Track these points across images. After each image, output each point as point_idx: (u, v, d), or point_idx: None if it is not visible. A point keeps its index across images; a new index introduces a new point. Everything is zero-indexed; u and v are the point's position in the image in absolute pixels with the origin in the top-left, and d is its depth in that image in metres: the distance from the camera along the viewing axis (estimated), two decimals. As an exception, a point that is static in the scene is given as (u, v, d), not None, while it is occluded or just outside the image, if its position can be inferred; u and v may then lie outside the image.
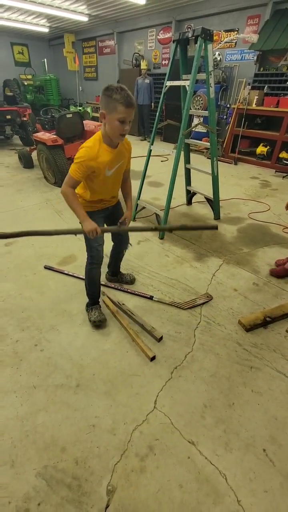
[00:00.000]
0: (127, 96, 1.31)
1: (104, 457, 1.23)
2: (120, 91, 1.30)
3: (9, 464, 1.21)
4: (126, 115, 1.34)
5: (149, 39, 7.92)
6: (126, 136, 1.51)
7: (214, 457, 1.24)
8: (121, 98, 1.30)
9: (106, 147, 1.47)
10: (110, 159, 1.49)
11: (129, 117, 1.37)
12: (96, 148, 1.44)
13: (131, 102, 1.32)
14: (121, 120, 1.35)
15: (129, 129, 1.40)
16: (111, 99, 1.31)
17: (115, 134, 1.41)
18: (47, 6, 7.00)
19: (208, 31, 2.47)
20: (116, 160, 1.54)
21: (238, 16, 5.95)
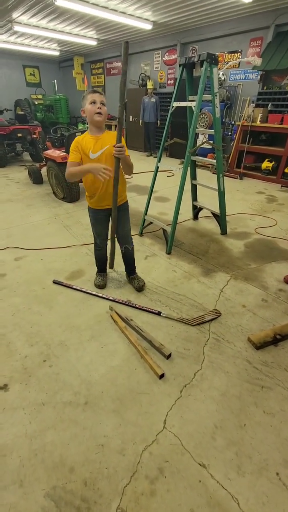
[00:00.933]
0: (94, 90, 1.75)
1: (113, 478, 1.21)
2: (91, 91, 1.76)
3: (17, 483, 1.19)
4: (94, 98, 1.72)
5: (155, 60, 8.25)
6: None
7: (226, 481, 1.21)
8: (87, 92, 1.75)
9: (88, 137, 1.83)
10: (91, 144, 1.82)
11: (98, 99, 1.72)
12: (77, 140, 1.83)
13: (96, 90, 1.75)
14: (92, 101, 1.72)
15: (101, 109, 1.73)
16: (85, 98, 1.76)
17: (92, 116, 1.75)
18: (58, 32, 7.40)
19: (213, 56, 2.58)
20: (99, 145, 1.82)
21: (241, 39, 6.19)
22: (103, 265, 2.47)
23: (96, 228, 2.20)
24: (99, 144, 1.81)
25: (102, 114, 1.75)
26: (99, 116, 1.74)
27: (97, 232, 2.21)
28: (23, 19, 6.50)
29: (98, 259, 2.43)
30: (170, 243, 2.96)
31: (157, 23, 6.43)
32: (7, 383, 1.61)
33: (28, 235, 3.35)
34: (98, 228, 2.20)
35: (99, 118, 1.75)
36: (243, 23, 5.93)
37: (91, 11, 5.53)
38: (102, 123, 1.81)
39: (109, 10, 5.60)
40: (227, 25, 6.19)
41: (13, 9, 5.75)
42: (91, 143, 1.81)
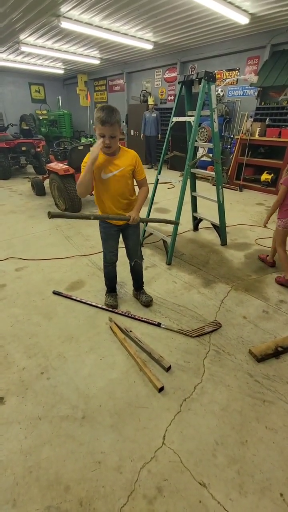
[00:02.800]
0: (104, 116, 1.56)
1: (110, 498, 1.17)
2: (100, 111, 1.57)
3: (10, 503, 1.15)
4: (103, 131, 1.60)
5: (155, 78, 8.54)
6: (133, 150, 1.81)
7: (227, 502, 1.16)
8: (98, 117, 1.57)
9: (103, 155, 1.75)
10: (103, 163, 1.76)
11: (107, 133, 1.60)
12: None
13: (105, 120, 1.56)
14: (101, 135, 1.62)
15: (110, 143, 1.64)
16: (95, 117, 1.61)
17: (100, 145, 1.65)
18: (63, 52, 7.72)
19: (211, 74, 2.67)
20: (111, 166, 1.77)
21: (238, 58, 6.42)
22: (113, 283, 2.36)
23: (107, 243, 2.12)
24: (110, 164, 1.77)
25: (111, 147, 1.68)
26: (107, 149, 1.69)
27: (108, 247, 2.13)
28: (29, 40, 6.79)
29: (108, 277, 2.32)
30: (170, 254, 2.97)
31: (157, 43, 6.69)
32: (4, 396, 1.58)
33: (29, 246, 3.37)
34: (109, 243, 2.12)
35: (107, 151, 1.72)
36: (240, 43, 6.17)
37: (94, 32, 5.77)
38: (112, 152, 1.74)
39: (111, 31, 5.85)
40: (225, 45, 6.44)
41: (21, 31, 6.02)
42: (104, 163, 1.76)
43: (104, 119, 1.56)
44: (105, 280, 2.36)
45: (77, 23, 5.37)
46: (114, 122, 1.59)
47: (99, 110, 1.58)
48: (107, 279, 2.34)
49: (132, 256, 2.23)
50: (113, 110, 1.59)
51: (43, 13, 4.94)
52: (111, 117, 1.57)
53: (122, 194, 1.89)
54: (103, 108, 1.58)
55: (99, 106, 1.61)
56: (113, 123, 1.58)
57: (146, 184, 1.96)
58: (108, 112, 1.57)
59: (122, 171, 1.79)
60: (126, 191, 1.89)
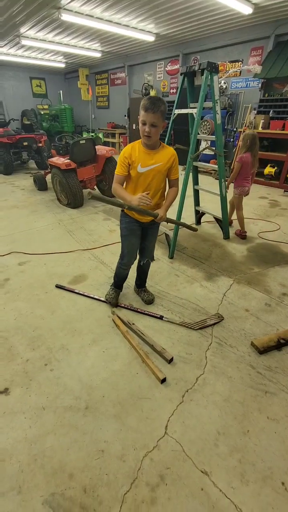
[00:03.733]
0: (148, 103, 1.54)
1: (113, 485, 1.19)
2: (146, 99, 1.57)
3: (16, 489, 1.17)
4: (144, 118, 1.57)
5: (157, 70, 8.43)
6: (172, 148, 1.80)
7: (229, 490, 1.17)
8: (143, 104, 1.57)
9: (142, 148, 1.71)
10: (142, 156, 1.71)
11: (149, 120, 1.57)
12: (131, 146, 1.73)
13: (149, 107, 1.53)
14: (142, 122, 1.59)
15: (150, 131, 1.59)
16: (140, 105, 1.59)
17: (141, 135, 1.64)
18: (64, 45, 7.63)
19: (214, 64, 2.63)
20: (150, 160, 1.71)
21: (242, 48, 6.31)
22: (122, 281, 2.30)
23: (129, 240, 1.98)
24: (149, 158, 1.71)
25: (151, 137, 1.62)
26: (147, 139, 1.64)
27: (129, 245, 2.00)
28: (30, 34, 6.72)
29: (120, 276, 2.24)
30: (172, 248, 2.96)
31: (159, 35, 6.59)
32: (8, 387, 1.61)
33: (32, 240, 3.38)
34: (131, 240, 1.98)
35: (147, 141, 1.66)
36: (244, 34, 6.05)
37: (95, 24, 5.70)
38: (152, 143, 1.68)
39: (113, 23, 5.77)
40: (228, 36, 6.32)
41: (21, 24, 5.96)
42: (141, 154, 1.70)
43: (147, 106, 1.54)
44: (115, 276, 2.27)
45: (77, 15, 5.30)
46: (158, 111, 1.54)
47: (146, 98, 1.57)
48: (118, 277, 2.26)
49: (146, 256, 2.17)
50: (159, 100, 1.56)
51: (44, 5, 4.89)
52: (155, 104, 1.54)
53: (156, 190, 1.82)
54: (149, 97, 1.58)
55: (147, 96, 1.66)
56: (156, 111, 1.54)
57: (177, 185, 1.91)
58: (153, 100, 1.55)
59: (159, 167, 1.73)
60: (159, 188, 1.83)
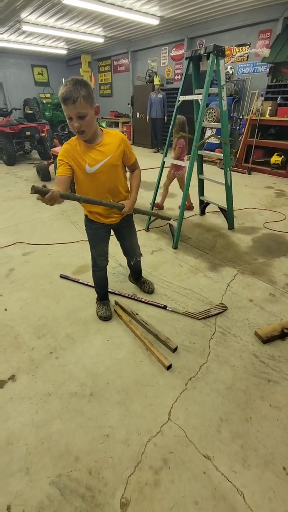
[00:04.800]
0: (64, 93, 1.22)
1: (117, 468, 1.22)
2: (61, 88, 1.24)
3: (24, 471, 1.22)
4: (67, 112, 1.27)
5: (162, 56, 8.19)
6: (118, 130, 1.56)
7: (231, 474, 1.20)
8: (60, 95, 1.25)
9: (83, 143, 1.41)
10: (86, 153, 1.41)
11: (72, 113, 1.26)
12: (69, 145, 1.42)
13: (66, 98, 1.21)
14: (68, 117, 1.29)
15: (80, 125, 1.29)
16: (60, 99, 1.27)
17: (74, 132, 1.34)
18: (66, 30, 7.44)
19: (220, 48, 2.54)
20: (97, 156, 1.42)
21: (249, 32, 6.08)
22: (104, 290, 2.08)
23: (96, 246, 1.84)
24: (97, 154, 1.43)
25: (84, 131, 1.32)
26: (82, 136, 1.35)
27: (98, 251, 1.86)
28: (31, 19, 6.55)
29: (98, 284, 2.04)
30: (176, 238, 2.95)
31: (164, 18, 6.37)
32: (15, 373, 1.64)
33: (36, 231, 3.39)
34: (99, 247, 1.84)
35: (83, 138, 1.37)
36: (251, 16, 5.82)
37: (97, 8, 5.52)
38: (90, 136, 1.38)
39: (115, 6, 5.59)
40: (235, 18, 6.08)
41: (21, 9, 5.81)
42: (86, 152, 1.41)
43: (64, 96, 1.22)
44: (96, 287, 2.07)
45: (79, -2, 5.13)
46: (78, 99, 1.22)
47: (63, 85, 1.25)
48: (98, 286, 2.06)
49: (132, 256, 2.06)
50: (77, 82, 1.23)
51: (44, -13, 4.74)
52: (73, 91, 1.21)
53: (115, 189, 1.58)
54: (65, 82, 1.24)
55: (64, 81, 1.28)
56: (75, 100, 1.21)
57: (138, 166, 1.66)
58: (69, 88, 1.21)
59: (111, 159, 1.45)
60: (118, 184, 1.58)
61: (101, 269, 1.96)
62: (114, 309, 2.11)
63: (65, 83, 1.25)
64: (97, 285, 2.06)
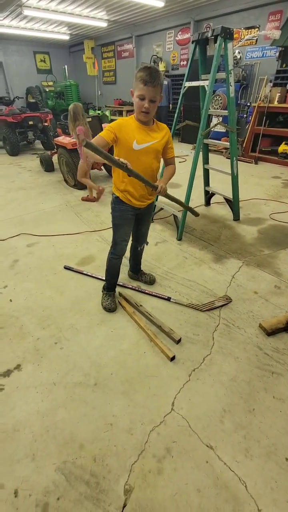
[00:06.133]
0: (147, 75, 1.37)
1: (121, 456, 1.24)
2: (143, 69, 1.39)
3: (30, 457, 1.24)
4: (143, 92, 1.41)
5: (167, 40, 7.94)
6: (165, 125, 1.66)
7: (233, 463, 1.21)
8: (140, 77, 1.39)
9: (137, 123, 1.54)
10: (137, 132, 1.54)
11: (148, 95, 1.42)
12: (127, 120, 1.55)
13: (148, 80, 1.37)
14: (140, 97, 1.43)
15: (149, 107, 1.45)
16: (135, 77, 1.42)
17: (137, 111, 1.49)
18: (68, 15, 7.22)
19: (228, 30, 2.44)
20: (146, 136, 1.56)
21: (259, 13, 5.82)
22: (114, 279, 2.07)
23: (120, 229, 1.84)
24: (145, 134, 1.56)
25: (149, 113, 1.48)
26: (144, 116, 1.49)
27: (121, 235, 1.86)
28: (32, 3, 6.37)
29: (111, 272, 2.01)
30: (181, 229, 2.92)
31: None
32: (20, 363, 1.67)
33: (40, 222, 3.39)
34: (123, 230, 1.85)
35: (144, 118, 1.52)
36: (262, -5, 5.56)
37: (100, -11, 5.32)
38: (149, 119, 1.55)
39: (119, -13, 5.38)
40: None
41: (22, -9, 5.64)
42: (137, 129, 1.54)
43: (146, 79, 1.37)
44: (108, 275, 2.03)
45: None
46: (158, 84, 1.40)
47: (143, 69, 1.39)
48: (111, 274, 2.02)
49: (142, 241, 2.10)
50: (158, 71, 1.41)
51: None
52: (155, 77, 1.38)
53: (150, 172, 1.68)
54: (146, 67, 1.40)
55: (142, 65, 1.43)
56: (156, 84, 1.39)
57: (174, 163, 1.81)
58: (152, 71, 1.38)
59: (156, 144, 1.59)
60: (155, 167, 1.69)
61: (119, 257, 1.96)
62: (118, 301, 2.11)
63: (145, 66, 1.40)
64: (109, 273, 2.02)
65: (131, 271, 2.36)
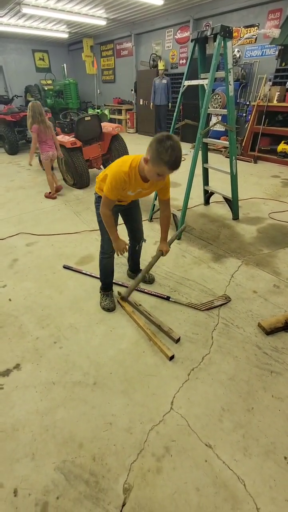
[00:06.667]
0: (174, 162, 1.31)
1: (120, 455, 1.24)
2: (170, 152, 1.28)
3: (29, 456, 1.25)
4: (164, 173, 1.40)
5: (166, 39, 7.90)
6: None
7: (232, 462, 1.22)
8: (167, 163, 1.30)
9: (139, 178, 1.52)
10: (136, 185, 1.56)
11: (168, 174, 1.44)
12: (130, 178, 1.50)
13: (174, 167, 1.33)
14: (160, 174, 1.40)
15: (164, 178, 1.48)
16: (159, 156, 1.30)
17: (151, 177, 1.46)
18: (67, 13, 7.18)
19: (228, 28, 2.43)
20: (143, 187, 1.60)
21: (258, 11, 5.80)
22: (109, 279, 2.06)
23: None
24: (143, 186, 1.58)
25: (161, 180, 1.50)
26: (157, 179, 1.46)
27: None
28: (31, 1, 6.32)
29: (105, 271, 2.01)
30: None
31: (168, -3, 6.11)
32: (20, 362, 1.67)
33: (39, 221, 3.38)
34: None
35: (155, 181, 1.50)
36: (261, -6, 5.54)
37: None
38: None
39: (118, -15, 5.35)
40: (244, -3, 5.80)
41: (20, -11, 5.60)
42: (136, 184, 1.55)
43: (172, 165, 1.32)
44: (101, 275, 2.03)
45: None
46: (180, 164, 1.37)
47: (167, 151, 1.27)
48: (104, 274, 2.02)
49: (139, 237, 2.07)
50: (180, 151, 1.33)
51: None
52: (179, 163, 1.33)
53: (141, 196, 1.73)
54: (171, 148, 1.27)
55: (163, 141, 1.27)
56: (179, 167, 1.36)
57: (169, 207, 1.81)
58: (178, 157, 1.31)
59: (149, 191, 1.67)
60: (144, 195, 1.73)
61: (109, 255, 1.94)
62: (117, 300, 2.11)
63: (171, 147, 1.27)
64: (104, 273, 2.02)
65: (130, 270, 2.36)
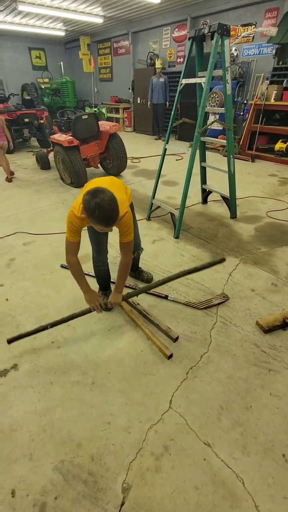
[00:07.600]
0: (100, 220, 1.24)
1: (119, 454, 1.24)
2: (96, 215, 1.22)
3: (27, 457, 1.24)
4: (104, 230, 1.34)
5: (164, 37, 7.88)
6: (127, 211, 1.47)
7: (230, 460, 1.22)
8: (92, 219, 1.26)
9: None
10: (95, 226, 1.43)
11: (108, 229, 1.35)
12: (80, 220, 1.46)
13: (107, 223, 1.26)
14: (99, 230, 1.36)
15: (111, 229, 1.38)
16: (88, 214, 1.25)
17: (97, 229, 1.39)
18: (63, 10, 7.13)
19: (225, 26, 2.42)
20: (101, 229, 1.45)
21: (255, 10, 5.80)
22: (105, 281, 2.07)
23: (96, 241, 1.81)
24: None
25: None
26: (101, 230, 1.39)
27: (96, 240, 1.81)
28: (27, -2, 6.27)
29: (99, 276, 2.05)
30: (178, 227, 2.91)
31: (166, -5, 6.08)
32: (17, 362, 1.66)
33: (36, 220, 3.36)
34: (98, 239, 1.80)
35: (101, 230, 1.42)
36: (258, -8, 5.53)
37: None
38: None
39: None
40: (241, -5, 5.79)
41: (16, -14, 5.55)
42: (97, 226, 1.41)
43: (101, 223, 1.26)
44: (96, 278, 2.08)
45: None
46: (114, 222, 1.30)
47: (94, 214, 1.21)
48: (99, 277, 2.06)
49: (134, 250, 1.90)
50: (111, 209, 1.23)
51: None
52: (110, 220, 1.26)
53: None
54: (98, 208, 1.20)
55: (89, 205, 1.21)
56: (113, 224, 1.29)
57: (130, 251, 1.62)
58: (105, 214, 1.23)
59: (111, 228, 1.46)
60: None
61: (103, 263, 1.94)
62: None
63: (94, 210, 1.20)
64: (98, 277, 2.07)
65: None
